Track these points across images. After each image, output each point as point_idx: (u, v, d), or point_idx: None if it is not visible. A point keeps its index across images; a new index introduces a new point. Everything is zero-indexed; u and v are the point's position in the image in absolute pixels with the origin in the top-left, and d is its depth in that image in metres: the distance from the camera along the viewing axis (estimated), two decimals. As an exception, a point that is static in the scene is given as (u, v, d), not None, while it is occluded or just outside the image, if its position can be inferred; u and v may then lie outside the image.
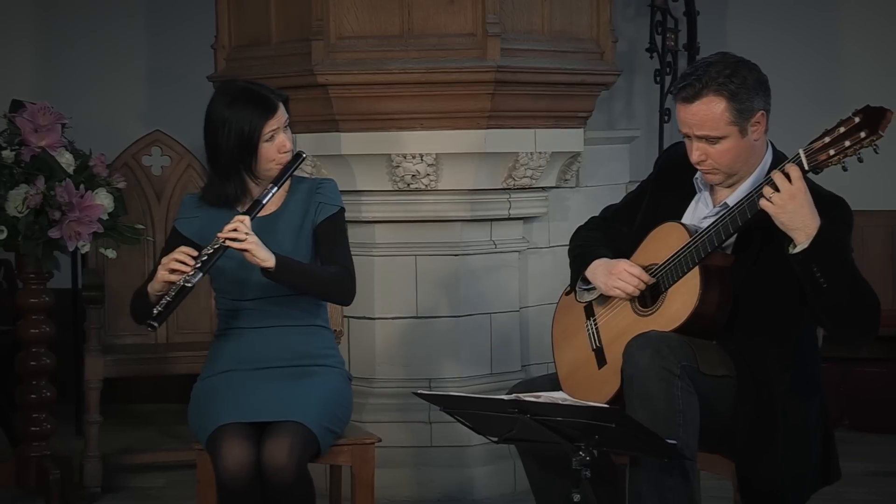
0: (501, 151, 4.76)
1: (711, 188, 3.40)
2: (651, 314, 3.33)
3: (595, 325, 3.46)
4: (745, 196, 3.21)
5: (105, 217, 4.48)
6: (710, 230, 3.25)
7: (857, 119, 3.03)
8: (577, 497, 2.98)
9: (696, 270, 3.25)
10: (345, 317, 4.03)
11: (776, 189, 3.10)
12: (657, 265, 3.34)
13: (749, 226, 3.22)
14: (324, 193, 3.62)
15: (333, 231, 3.60)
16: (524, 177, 4.80)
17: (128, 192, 4.89)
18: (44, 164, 4.43)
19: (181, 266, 3.37)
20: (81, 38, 6.40)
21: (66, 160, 4.48)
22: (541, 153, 4.82)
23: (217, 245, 3.39)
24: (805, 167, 3.10)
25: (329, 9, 4.61)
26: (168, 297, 3.36)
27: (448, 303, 4.84)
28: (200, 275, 3.37)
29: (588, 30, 4.93)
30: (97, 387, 4.84)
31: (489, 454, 4.77)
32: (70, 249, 4.46)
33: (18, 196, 4.37)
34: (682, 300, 3.26)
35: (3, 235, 4.40)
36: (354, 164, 4.75)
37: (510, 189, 4.85)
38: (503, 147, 4.75)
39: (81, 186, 4.43)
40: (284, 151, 3.52)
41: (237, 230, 3.38)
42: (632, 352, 3.20)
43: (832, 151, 3.06)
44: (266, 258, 3.38)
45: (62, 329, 4.95)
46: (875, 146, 3.04)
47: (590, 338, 3.46)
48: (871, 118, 3.01)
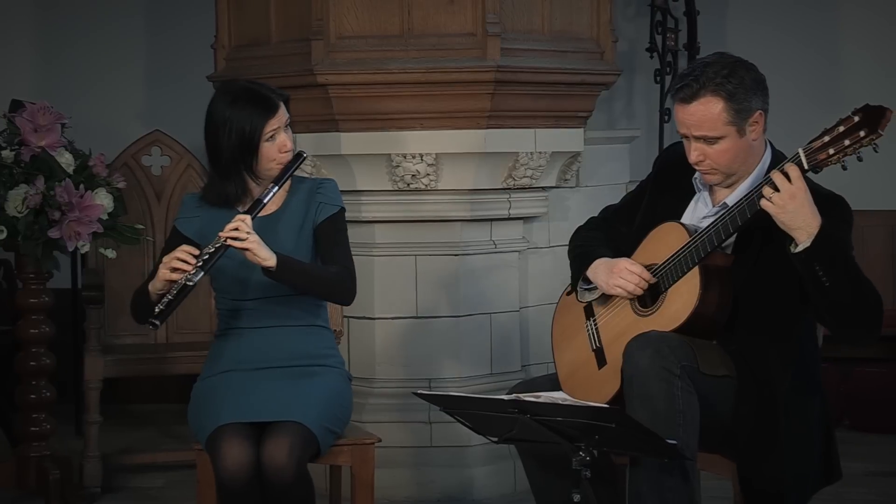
0: (501, 151, 4.75)
1: (710, 188, 3.40)
2: (651, 314, 3.32)
3: (595, 326, 3.46)
4: (745, 196, 3.20)
5: (105, 217, 4.48)
6: (710, 230, 3.24)
7: (857, 118, 3.02)
8: (577, 497, 2.98)
9: (696, 270, 3.25)
10: (345, 317, 4.04)
11: (776, 189, 3.10)
12: (657, 265, 3.34)
13: (749, 225, 3.21)
14: (324, 193, 3.62)
15: (334, 231, 3.60)
16: (524, 177, 4.80)
17: (127, 192, 4.89)
18: (43, 164, 4.43)
19: (183, 265, 3.37)
20: (81, 38, 6.39)
21: (66, 160, 4.48)
22: (541, 153, 4.81)
23: (218, 244, 3.39)
24: (804, 166, 3.09)
25: (329, 8, 4.61)
26: (170, 296, 3.37)
27: (448, 303, 4.84)
28: (202, 273, 3.37)
29: (588, 29, 4.93)
30: (97, 387, 4.83)
31: (489, 454, 4.76)
32: (70, 249, 4.46)
33: (18, 196, 4.36)
34: (682, 300, 3.25)
35: (3, 235, 4.40)
36: (354, 164, 4.75)
37: (510, 189, 4.85)
38: (503, 147, 4.74)
39: (81, 186, 4.43)
40: (285, 151, 3.51)
41: (238, 229, 3.38)
42: (632, 352, 3.19)
43: (832, 150, 3.05)
44: (267, 257, 3.38)
45: (62, 329, 4.94)
46: (875, 145, 3.04)
47: (590, 338, 3.46)
48: (871, 117, 3.01)
